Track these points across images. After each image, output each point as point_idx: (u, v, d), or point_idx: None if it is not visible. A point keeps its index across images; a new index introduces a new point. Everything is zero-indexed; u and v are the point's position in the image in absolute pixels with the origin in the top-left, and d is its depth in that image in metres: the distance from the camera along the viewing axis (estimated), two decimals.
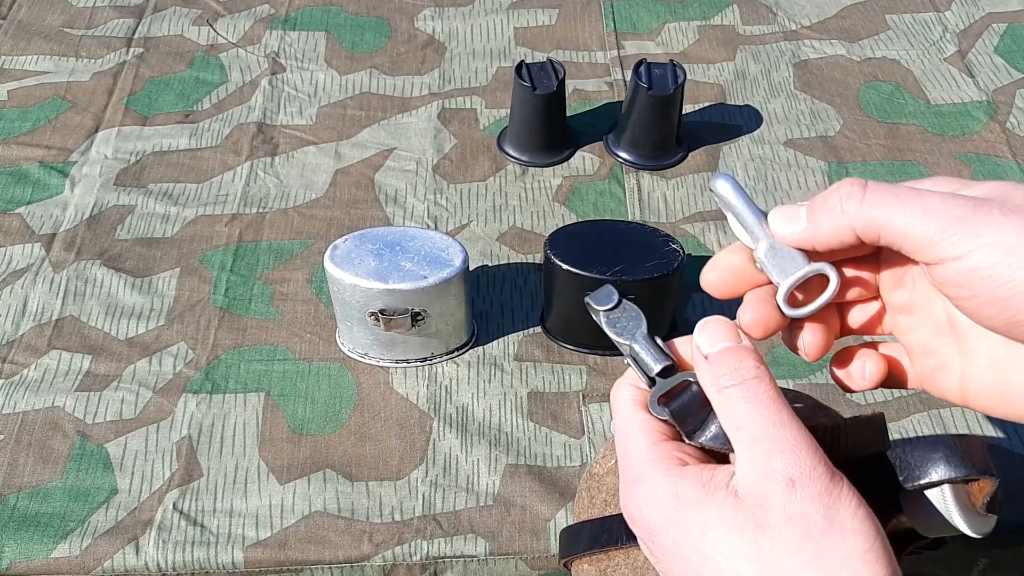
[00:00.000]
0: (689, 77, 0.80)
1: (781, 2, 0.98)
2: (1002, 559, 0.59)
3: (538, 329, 0.68)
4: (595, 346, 0.66)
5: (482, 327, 0.68)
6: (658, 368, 0.37)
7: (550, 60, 0.77)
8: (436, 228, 0.75)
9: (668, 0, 0.98)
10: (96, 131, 0.83)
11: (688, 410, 0.36)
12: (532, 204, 0.77)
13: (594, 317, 0.40)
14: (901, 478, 0.36)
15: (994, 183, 0.32)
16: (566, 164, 0.81)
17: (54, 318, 0.69)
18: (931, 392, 0.38)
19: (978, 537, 0.36)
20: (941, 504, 0.36)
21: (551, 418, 0.63)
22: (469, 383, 0.65)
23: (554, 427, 0.63)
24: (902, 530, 0.38)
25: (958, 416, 0.63)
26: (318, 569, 0.57)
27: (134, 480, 0.60)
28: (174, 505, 0.58)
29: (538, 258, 0.73)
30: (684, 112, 0.82)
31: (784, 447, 0.32)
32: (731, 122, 0.85)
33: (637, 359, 0.38)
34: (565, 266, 0.61)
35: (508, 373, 0.66)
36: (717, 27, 0.95)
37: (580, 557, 0.44)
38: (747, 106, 0.87)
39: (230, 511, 0.58)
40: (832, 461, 0.32)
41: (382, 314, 0.61)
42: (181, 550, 0.56)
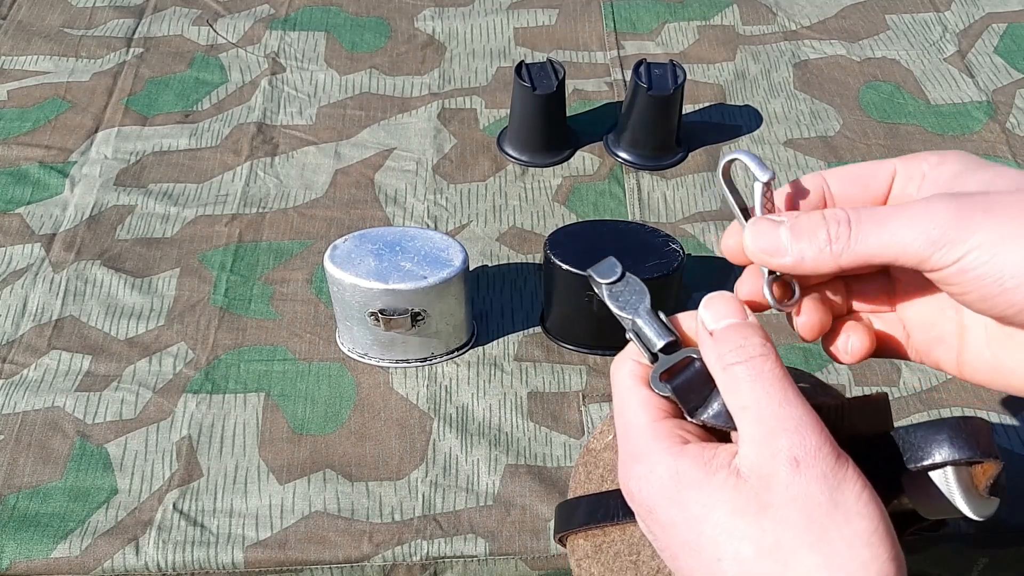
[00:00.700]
0: (689, 77, 0.80)
1: (781, 2, 0.98)
2: (1002, 559, 0.59)
3: (538, 329, 0.68)
4: (595, 346, 0.66)
5: (482, 327, 0.68)
6: (661, 344, 0.36)
7: (550, 60, 0.77)
8: (436, 228, 0.75)
9: (668, 0, 0.98)
10: (96, 131, 0.83)
11: (690, 387, 0.35)
12: (532, 204, 0.77)
13: (596, 291, 0.39)
14: (904, 459, 0.36)
15: (990, 172, 0.33)
16: (566, 164, 0.81)
17: (54, 318, 0.69)
18: (927, 364, 0.39)
19: (980, 520, 0.36)
20: (944, 486, 0.36)
21: (551, 418, 0.63)
22: (469, 383, 0.65)
23: (554, 427, 0.63)
24: (903, 511, 0.38)
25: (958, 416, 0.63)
26: (318, 569, 0.57)
27: (134, 480, 0.60)
28: (174, 505, 0.58)
29: (538, 258, 0.73)
30: (684, 112, 0.82)
31: (789, 426, 0.31)
32: (731, 122, 0.85)
33: (640, 334, 0.37)
34: (565, 266, 0.61)
35: (508, 373, 0.66)
36: (717, 27, 0.95)
37: (575, 532, 0.43)
38: (747, 106, 0.87)
39: (230, 511, 0.58)
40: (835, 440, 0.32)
41: (382, 314, 0.61)
42: (181, 550, 0.56)
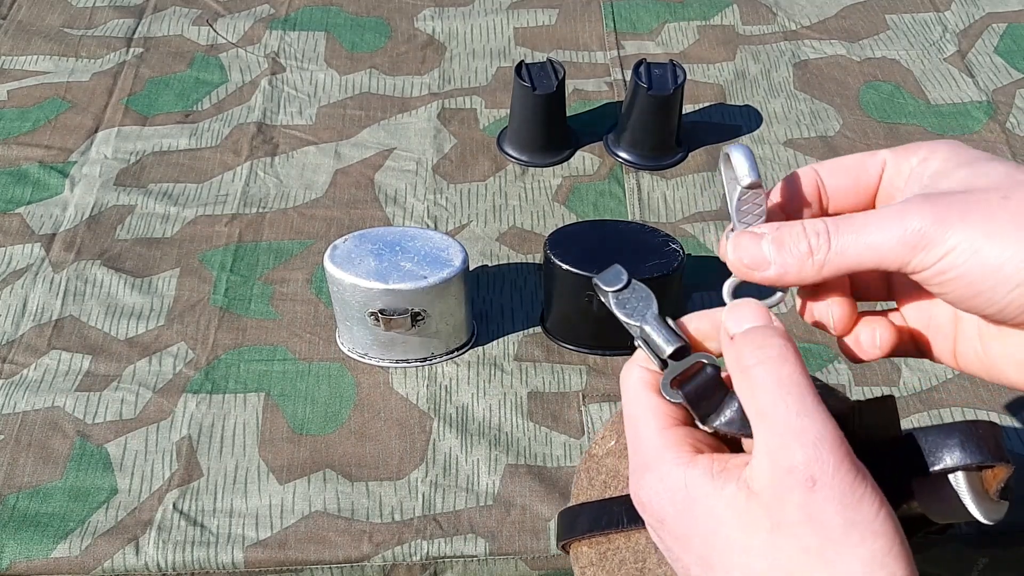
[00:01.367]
0: (689, 77, 0.80)
1: (781, 2, 0.98)
2: (1002, 559, 0.59)
3: (538, 329, 0.68)
4: (595, 346, 0.66)
5: (482, 327, 0.68)
6: (670, 349, 0.35)
7: (550, 60, 0.77)
8: (436, 228, 0.75)
9: (668, 0, 0.98)
10: (96, 131, 0.83)
11: (702, 393, 0.34)
12: (532, 204, 0.77)
13: (602, 299, 0.39)
14: (915, 464, 0.35)
15: (972, 168, 0.33)
16: (566, 164, 0.81)
17: (54, 318, 0.69)
18: (931, 358, 0.39)
19: (990, 523, 0.36)
20: (954, 490, 0.36)
21: (551, 418, 0.63)
22: (469, 383, 0.65)
23: (554, 427, 0.63)
24: (912, 515, 0.38)
25: (958, 416, 0.63)
26: (318, 569, 0.57)
27: (134, 480, 0.60)
28: (174, 505, 0.58)
29: (538, 258, 0.73)
30: (684, 112, 0.82)
31: (807, 440, 0.30)
32: (731, 122, 0.85)
33: (648, 341, 0.36)
34: (565, 266, 0.61)
35: (508, 373, 0.66)
36: (717, 27, 0.95)
37: (579, 540, 0.43)
38: (747, 106, 0.87)
39: (230, 511, 0.58)
40: None
41: (382, 314, 0.61)
42: (181, 550, 0.56)
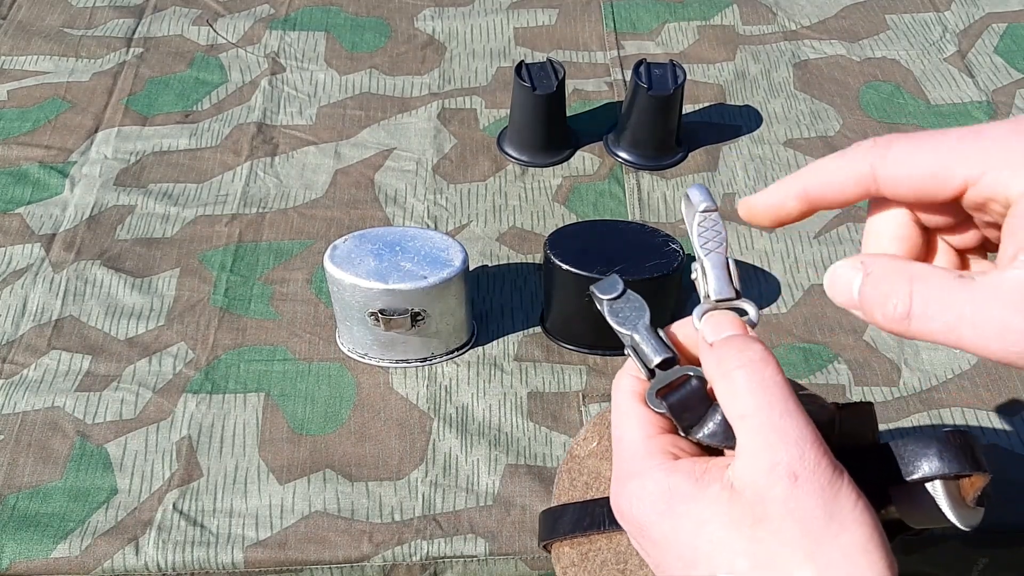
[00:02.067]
0: (689, 77, 0.80)
1: (781, 2, 0.98)
2: (1002, 559, 0.59)
3: (538, 329, 0.68)
4: (595, 346, 0.66)
5: (482, 327, 0.68)
6: (658, 360, 0.36)
7: (550, 60, 0.77)
8: (436, 228, 0.75)
9: (668, 0, 0.98)
10: (96, 131, 0.83)
11: (686, 405, 0.35)
12: (532, 204, 0.77)
13: (597, 306, 0.39)
14: (893, 472, 0.36)
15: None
16: (566, 164, 0.81)
17: (54, 318, 0.69)
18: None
19: (966, 529, 0.36)
20: (931, 497, 0.36)
21: (551, 418, 0.63)
22: (469, 383, 0.65)
23: (554, 427, 0.63)
24: (889, 520, 0.38)
25: (958, 416, 0.63)
26: (318, 569, 0.57)
27: (134, 480, 0.60)
28: (174, 505, 0.58)
29: (538, 258, 0.73)
30: (684, 112, 0.82)
31: (789, 439, 0.31)
32: (731, 122, 0.85)
33: (637, 350, 0.37)
34: (565, 266, 0.61)
35: (508, 373, 0.66)
36: (717, 27, 0.95)
37: (561, 540, 0.43)
38: (747, 106, 0.87)
39: (230, 511, 0.58)
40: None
41: (382, 314, 0.61)
42: (181, 550, 0.56)
